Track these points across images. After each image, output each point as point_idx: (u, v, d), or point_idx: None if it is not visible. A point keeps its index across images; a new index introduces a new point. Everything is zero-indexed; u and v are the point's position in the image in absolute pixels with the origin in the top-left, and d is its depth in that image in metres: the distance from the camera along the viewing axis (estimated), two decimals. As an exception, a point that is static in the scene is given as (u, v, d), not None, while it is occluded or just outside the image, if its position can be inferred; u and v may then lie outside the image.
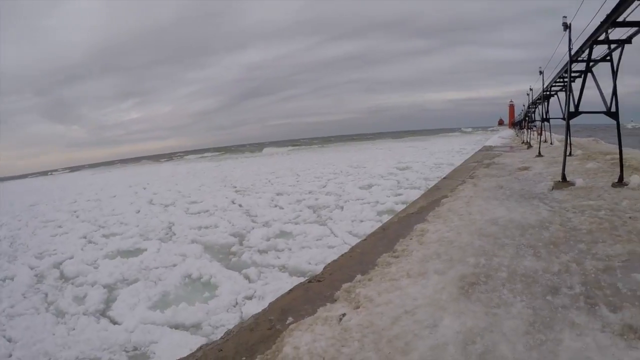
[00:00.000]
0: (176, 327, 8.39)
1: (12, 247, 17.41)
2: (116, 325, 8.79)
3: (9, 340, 8.76)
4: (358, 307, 4.38)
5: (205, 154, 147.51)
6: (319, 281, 5.46)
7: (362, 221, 15.73)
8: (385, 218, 15.76)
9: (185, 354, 4.30)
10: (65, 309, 10.06)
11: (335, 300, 4.66)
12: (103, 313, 9.64)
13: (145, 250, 14.12)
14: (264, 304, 5.40)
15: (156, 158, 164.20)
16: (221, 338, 4.34)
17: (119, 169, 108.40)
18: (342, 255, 6.81)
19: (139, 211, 23.18)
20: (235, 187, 29.75)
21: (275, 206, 20.81)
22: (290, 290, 5.41)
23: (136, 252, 14.12)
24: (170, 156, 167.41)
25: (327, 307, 4.50)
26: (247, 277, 10.79)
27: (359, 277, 5.16)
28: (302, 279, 10.15)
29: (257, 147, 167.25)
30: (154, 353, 7.63)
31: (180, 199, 26.66)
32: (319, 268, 10.53)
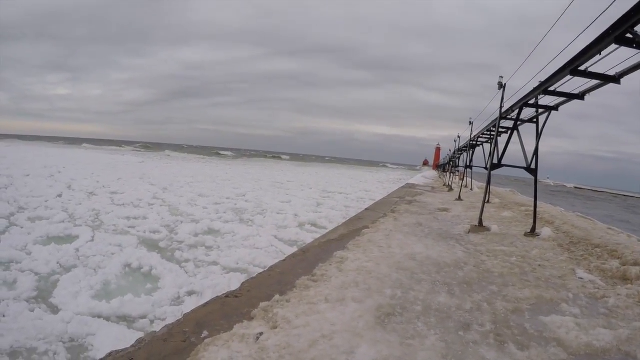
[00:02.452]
0: (123, 318, 8.00)
1: None
2: (54, 315, 8.20)
3: None
4: (275, 327, 4.37)
5: (130, 147, 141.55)
6: (237, 297, 5.38)
7: (286, 227, 15.87)
8: (307, 228, 16.02)
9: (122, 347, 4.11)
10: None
11: (253, 319, 4.62)
12: (44, 301, 8.92)
13: (78, 237, 13.24)
14: (204, 301, 5.31)
15: (79, 142, 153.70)
16: (132, 346, 4.15)
17: (34, 145, 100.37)
18: (261, 273, 6.77)
19: (60, 195, 21.67)
20: (154, 185, 28.72)
21: (197, 205, 20.42)
22: (207, 303, 5.28)
23: (69, 238, 13.18)
24: (93, 142, 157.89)
25: (244, 324, 4.44)
26: (186, 270, 10.64)
27: (277, 297, 5.15)
28: (240, 275, 9.94)
29: (182, 148, 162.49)
30: (92, 345, 7.17)
31: (100, 188, 25.27)
32: (250, 268, 10.41)
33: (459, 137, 39.18)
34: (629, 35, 6.22)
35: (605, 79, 8.38)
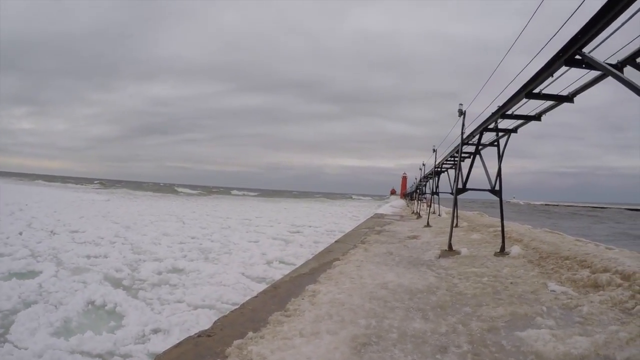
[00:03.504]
0: (82, 355, 7.62)
1: None
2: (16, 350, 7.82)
3: None
4: (251, 365, 4.27)
5: (91, 185, 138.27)
6: (209, 336, 5.26)
7: (253, 265, 15.62)
8: (275, 265, 15.79)
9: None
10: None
11: (227, 357, 4.51)
12: (1, 336, 8.45)
13: (41, 272, 12.77)
14: (172, 340, 5.09)
15: (46, 178, 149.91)
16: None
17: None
18: (233, 311, 6.65)
19: (21, 233, 20.95)
20: (118, 223, 27.96)
21: (161, 244, 19.94)
22: (179, 343, 5.13)
23: (31, 274, 12.70)
24: (59, 179, 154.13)
25: (218, 364, 4.34)
26: (151, 308, 10.23)
27: (250, 334, 5.06)
28: (208, 311, 9.69)
29: (149, 186, 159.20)
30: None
31: (61, 226, 24.54)
32: (217, 305, 10.11)
33: (423, 164, 40.03)
34: (577, 57, 6.51)
35: (559, 99, 8.78)
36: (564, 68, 7.13)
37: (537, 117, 10.41)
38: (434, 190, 30.50)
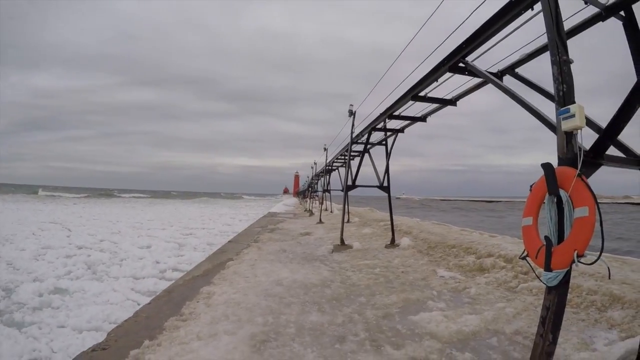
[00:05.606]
0: None
1: None
2: None
3: None
4: (148, 375, 4.02)
5: None
6: (104, 349, 4.88)
7: (144, 277, 14.82)
8: (169, 274, 15.16)
9: None
10: None
11: None
12: None
13: None
14: None
15: None
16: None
17: None
18: (126, 320, 6.24)
19: None
20: None
21: (43, 259, 18.18)
22: None
23: None
24: None
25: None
26: (27, 335, 9.13)
27: (147, 342, 4.79)
28: (89, 332, 8.94)
29: (32, 189, 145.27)
30: None
31: None
32: (104, 325, 9.36)
33: (315, 163, 40.76)
34: (461, 65, 6.92)
35: (443, 102, 9.32)
36: (448, 74, 7.56)
37: (423, 119, 10.99)
38: (326, 188, 31.19)
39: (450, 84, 8.44)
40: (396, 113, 10.90)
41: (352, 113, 14.24)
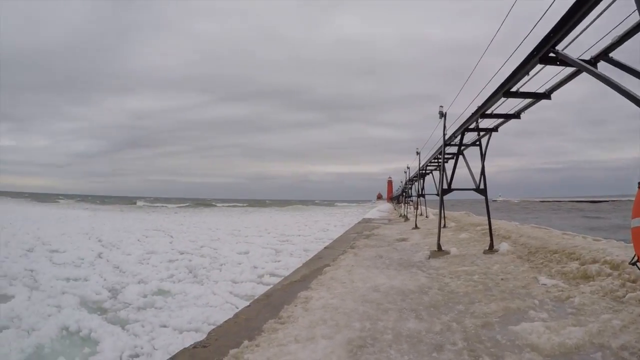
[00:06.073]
0: None
1: None
2: None
3: None
4: (248, 374, 4.23)
5: (72, 199, 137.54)
6: (205, 347, 5.21)
7: (243, 282, 15.43)
8: (266, 279, 15.61)
9: None
10: None
11: None
12: None
13: (13, 297, 12.48)
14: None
15: (31, 197, 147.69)
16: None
17: None
18: (227, 321, 6.59)
19: None
20: (102, 242, 27.41)
21: (147, 263, 19.59)
22: (175, 356, 5.07)
23: (3, 298, 12.42)
24: (44, 197, 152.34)
25: (215, 374, 4.29)
26: (130, 333, 10.00)
27: (246, 342, 5.02)
28: (189, 333, 9.61)
29: (135, 200, 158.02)
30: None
31: (40, 245, 24.04)
32: (204, 327, 9.85)
33: (408, 168, 40.31)
34: (551, 54, 6.61)
35: (536, 97, 8.90)
36: (539, 66, 7.23)
37: (517, 115, 10.55)
38: (420, 193, 30.69)
39: (542, 76, 8.06)
40: (488, 111, 10.57)
41: (442, 114, 14.00)
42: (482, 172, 12.69)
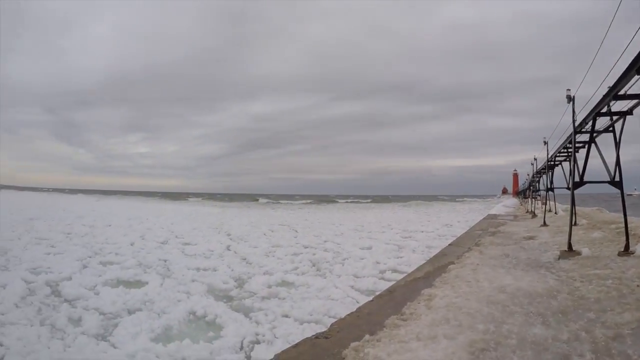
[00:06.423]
0: None
1: (4, 258, 17.63)
2: (117, 349, 8.84)
3: (1, 344, 8.82)
4: (368, 367, 4.46)
5: (198, 197, 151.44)
6: (327, 338, 5.52)
7: (364, 277, 15.91)
8: (388, 275, 15.79)
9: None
10: (62, 327, 10.13)
11: (344, 359, 4.72)
12: (103, 337, 9.62)
13: (147, 283, 14.27)
14: (274, 349, 5.48)
15: (164, 196, 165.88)
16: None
17: (124, 199, 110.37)
18: (349, 314, 6.92)
19: (132, 244, 23.32)
20: (230, 235, 29.54)
21: (273, 256, 20.88)
22: (297, 344, 5.47)
23: (137, 284, 14.30)
24: (175, 196, 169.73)
25: (336, 364, 4.56)
26: (253, 321, 10.88)
27: (367, 336, 5.24)
28: (309, 324, 10.18)
29: (259, 197, 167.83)
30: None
31: (173, 238, 26.76)
32: (324, 319, 10.43)
33: (535, 159, 38.05)
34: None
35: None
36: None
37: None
38: (549, 186, 28.74)
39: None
40: (621, 92, 9.61)
41: (570, 99, 12.92)
42: (617, 162, 11.64)
